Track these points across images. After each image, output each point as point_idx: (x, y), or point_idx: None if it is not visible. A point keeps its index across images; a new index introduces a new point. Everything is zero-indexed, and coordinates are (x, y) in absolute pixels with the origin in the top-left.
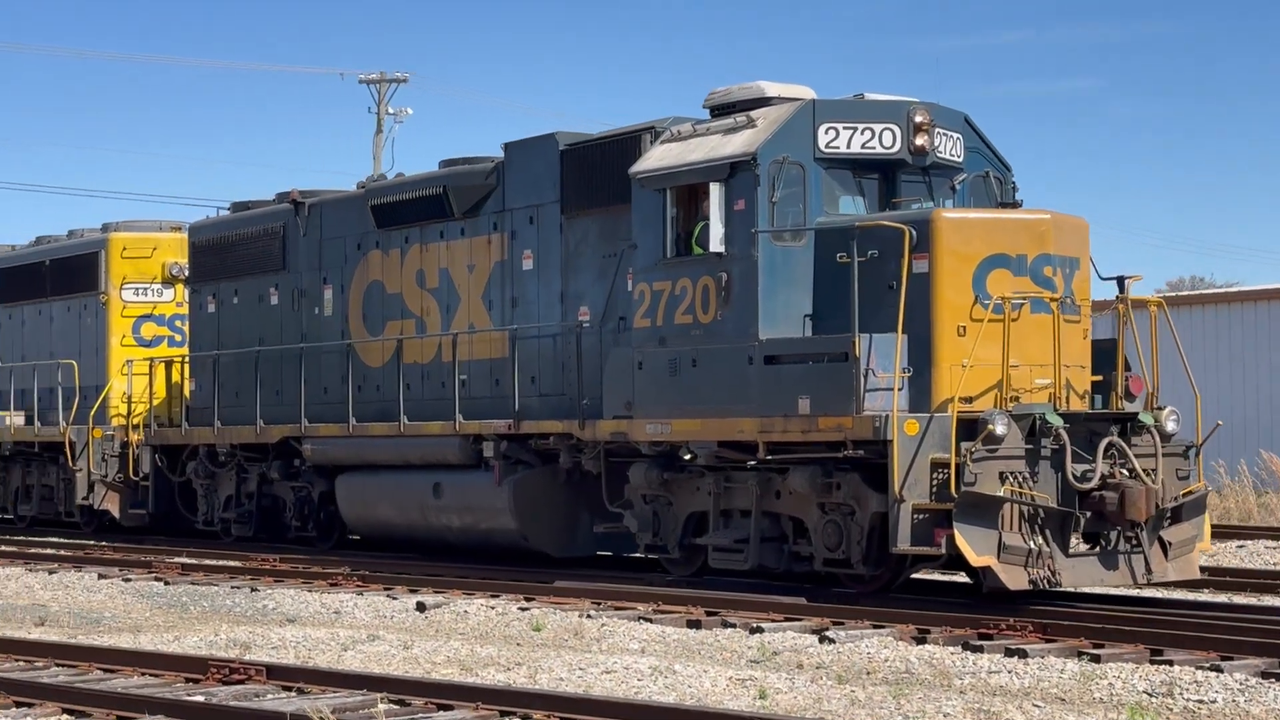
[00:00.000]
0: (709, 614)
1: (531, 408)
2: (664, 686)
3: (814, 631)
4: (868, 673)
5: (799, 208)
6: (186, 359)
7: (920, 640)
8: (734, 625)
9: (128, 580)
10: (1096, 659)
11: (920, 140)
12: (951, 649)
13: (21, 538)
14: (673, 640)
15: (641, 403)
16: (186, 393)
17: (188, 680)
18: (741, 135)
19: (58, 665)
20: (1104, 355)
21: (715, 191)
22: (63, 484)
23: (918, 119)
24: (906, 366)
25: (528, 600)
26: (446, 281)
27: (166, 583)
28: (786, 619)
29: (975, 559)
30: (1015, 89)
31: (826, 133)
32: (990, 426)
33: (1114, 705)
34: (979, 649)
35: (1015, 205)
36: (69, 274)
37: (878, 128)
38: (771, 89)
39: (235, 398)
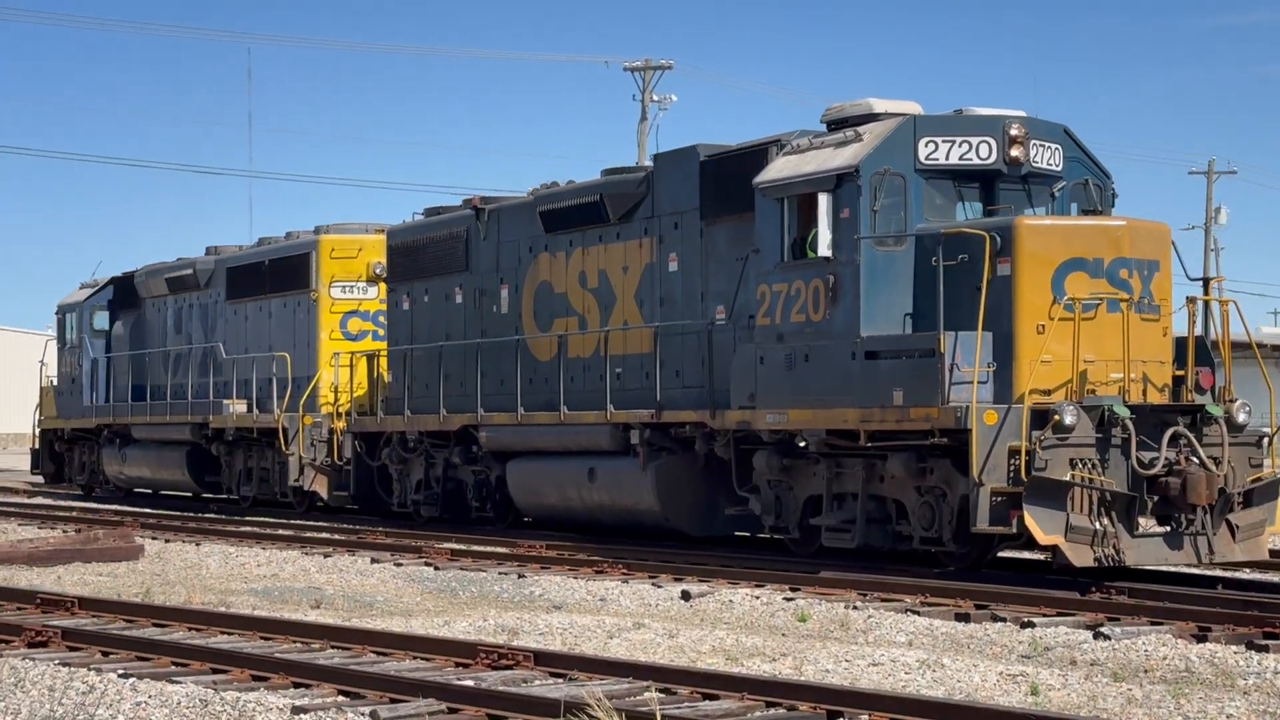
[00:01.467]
0: (978, 607)
1: (675, 399)
2: (932, 681)
3: (1088, 627)
4: (1144, 671)
5: (900, 215)
6: (383, 353)
7: (1200, 638)
8: (1004, 619)
9: (399, 565)
10: None
11: (1015, 152)
12: (1234, 648)
13: (299, 522)
14: (941, 633)
15: (763, 394)
16: (382, 384)
17: (457, 665)
18: (849, 149)
19: (333, 647)
20: (1199, 352)
21: (824, 201)
22: (278, 467)
23: (1013, 132)
24: (991, 362)
25: (793, 590)
26: (604, 282)
27: (436, 568)
28: (1059, 613)
29: (1043, 538)
30: None
31: (926, 146)
32: (1057, 416)
33: None
34: (1264, 648)
35: (1096, 212)
36: (285, 273)
37: (975, 140)
38: (879, 105)
39: (424, 389)
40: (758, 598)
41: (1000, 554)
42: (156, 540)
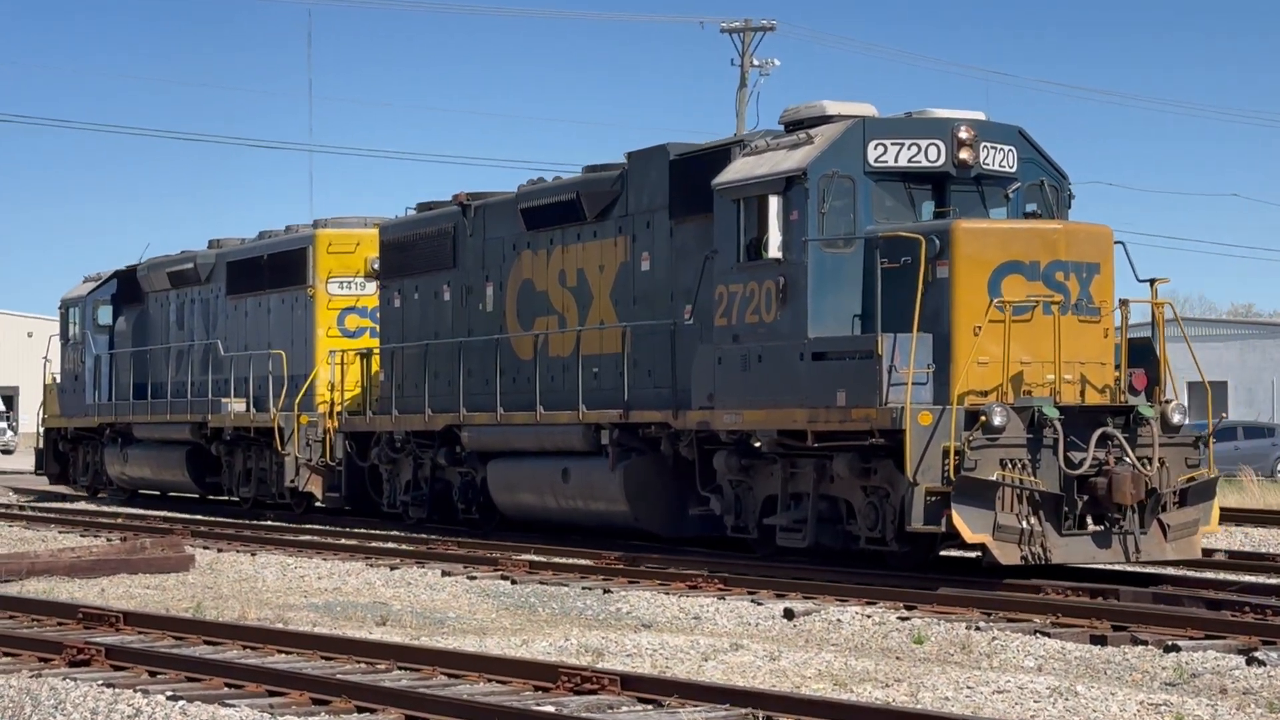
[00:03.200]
0: (1116, 629)
1: (647, 399)
2: (1064, 710)
3: (1240, 651)
4: None
5: (850, 218)
6: (375, 351)
7: None
8: (1145, 642)
9: (472, 579)
10: None
11: (964, 154)
12: None
13: (350, 528)
14: (1074, 657)
15: (720, 395)
16: (375, 383)
17: (536, 689)
18: (799, 152)
19: (400, 668)
20: (1139, 353)
21: (774, 203)
22: (275, 467)
23: (961, 135)
24: (930, 363)
25: (908, 609)
26: (582, 280)
27: (513, 581)
28: (1207, 636)
29: (970, 536)
30: None
31: (875, 148)
32: (984, 418)
33: None
34: None
35: (1052, 215)
36: (282, 268)
37: (924, 143)
38: (833, 107)
39: (412, 388)
40: (869, 616)
41: (942, 553)
42: (208, 550)
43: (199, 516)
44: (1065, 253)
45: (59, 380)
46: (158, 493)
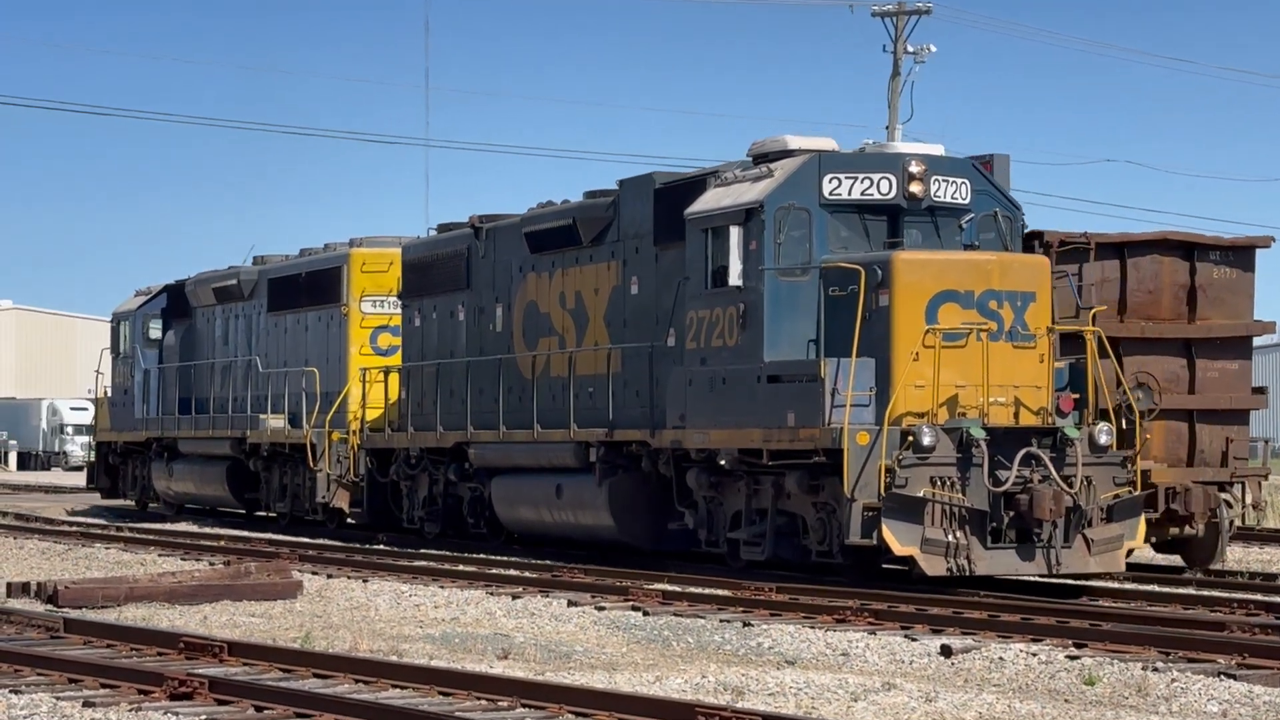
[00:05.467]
0: None
1: (631, 418)
2: None
3: None
4: None
5: (806, 248)
6: (396, 369)
7: None
8: None
9: (601, 609)
10: None
11: (914, 188)
12: None
13: (481, 556)
14: (1263, 701)
15: (691, 415)
16: (394, 400)
17: None
18: (760, 184)
19: (524, 706)
20: (1080, 376)
21: (734, 233)
22: (309, 483)
23: (912, 169)
24: (872, 386)
25: (1077, 646)
26: (580, 303)
27: (645, 613)
28: None
29: (899, 549)
30: None
31: (830, 182)
32: (912, 438)
33: None
34: None
35: (1005, 246)
36: (318, 286)
37: (875, 177)
38: (794, 142)
39: (428, 406)
40: (1034, 654)
41: (885, 565)
42: (317, 575)
43: (304, 539)
44: (999, 282)
45: (110, 394)
46: (209, 509)
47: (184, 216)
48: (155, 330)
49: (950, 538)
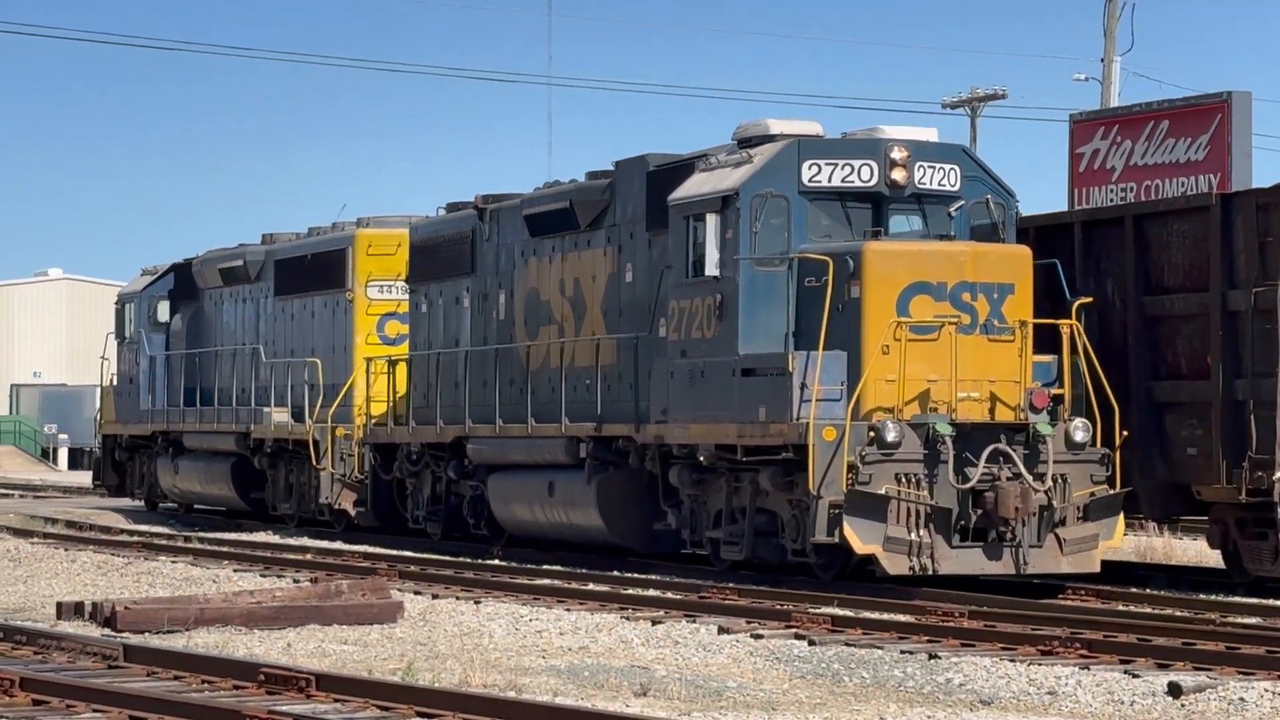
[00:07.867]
0: None
1: (619, 412)
2: None
3: None
4: None
5: (784, 236)
6: (401, 360)
7: None
8: None
9: (757, 637)
10: None
11: (897, 174)
12: None
13: (598, 573)
14: None
15: (673, 409)
16: (397, 393)
17: None
18: (739, 171)
19: None
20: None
21: (711, 221)
22: (314, 482)
23: (894, 155)
24: (843, 380)
25: None
26: (578, 290)
27: (811, 642)
28: None
29: (860, 547)
30: None
31: (810, 168)
32: (876, 433)
33: None
34: None
35: (997, 234)
36: (323, 269)
37: (856, 163)
38: (776, 126)
39: (433, 399)
40: (1278, 694)
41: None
42: (420, 595)
43: (407, 553)
44: (973, 274)
45: (115, 383)
46: (222, 508)
47: (274, 166)
48: (163, 313)
49: (914, 536)
